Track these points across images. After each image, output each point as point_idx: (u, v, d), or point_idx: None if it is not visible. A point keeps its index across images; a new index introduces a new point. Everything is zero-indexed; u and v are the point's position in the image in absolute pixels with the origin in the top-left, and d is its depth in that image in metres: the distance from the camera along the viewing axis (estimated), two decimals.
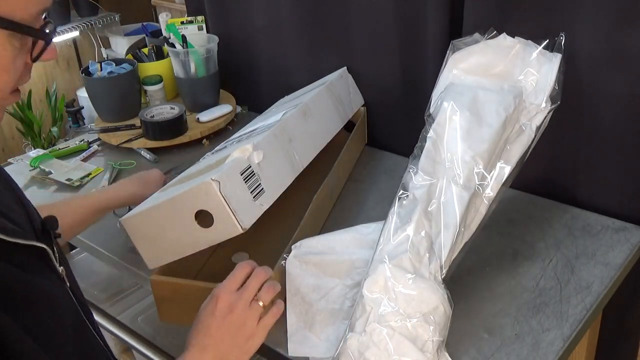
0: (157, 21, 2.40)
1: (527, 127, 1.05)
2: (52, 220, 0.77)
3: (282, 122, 1.19)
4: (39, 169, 1.52)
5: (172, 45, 1.70)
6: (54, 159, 1.57)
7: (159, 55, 1.78)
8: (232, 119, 1.69)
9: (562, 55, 1.06)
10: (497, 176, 1.01)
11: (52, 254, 0.72)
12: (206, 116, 1.64)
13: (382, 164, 1.47)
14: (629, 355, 1.33)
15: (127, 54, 1.87)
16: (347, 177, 1.41)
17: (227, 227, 0.95)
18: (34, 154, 1.59)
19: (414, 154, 1.03)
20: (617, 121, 1.15)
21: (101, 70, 1.68)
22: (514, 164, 1.02)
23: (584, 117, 1.18)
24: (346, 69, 1.50)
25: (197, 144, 1.60)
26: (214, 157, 1.15)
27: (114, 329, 1.30)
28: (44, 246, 0.70)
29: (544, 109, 1.05)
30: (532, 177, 1.24)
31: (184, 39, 1.68)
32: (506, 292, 1.04)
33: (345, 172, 1.41)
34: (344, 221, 1.24)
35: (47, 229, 0.75)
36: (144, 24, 2.53)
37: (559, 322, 0.98)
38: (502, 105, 1.03)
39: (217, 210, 0.94)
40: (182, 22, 1.73)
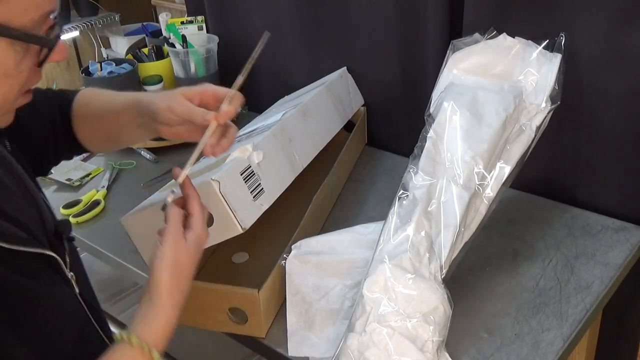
0: (157, 21, 2.40)
1: (527, 127, 1.05)
2: (65, 224, 0.75)
3: (282, 122, 1.19)
4: None
5: (172, 45, 1.70)
6: None
7: (159, 55, 1.78)
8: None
9: (562, 55, 1.06)
10: (497, 176, 1.01)
11: (61, 261, 0.71)
12: None
13: (382, 164, 1.47)
14: (629, 355, 1.33)
15: (127, 54, 1.86)
16: (347, 177, 1.41)
17: (227, 227, 0.95)
18: None
19: (414, 154, 1.03)
20: (617, 121, 1.15)
21: (101, 70, 1.68)
22: (514, 164, 1.02)
23: (584, 117, 1.18)
24: (346, 69, 1.50)
25: (197, 144, 1.59)
26: (214, 157, 1.14)
27: (114, 329, 1.29)
28: (52, 254, 0.69)
29: (544, 109, 1.05)
30: (532, 177, 1.24)
31: (184, 39, 1.68)
32: (506, 292, 1.04)
33: (345, 172, 1.40)
34: (344, 221, 1.24)
35: (59, 232, 0.74)
36: (144, 24, 2.53)
37: (558, 322, 0.98)
38: (502, 105, 1.03)
39: (217, 210, 0.94)
40: (182, 22, 1.72)
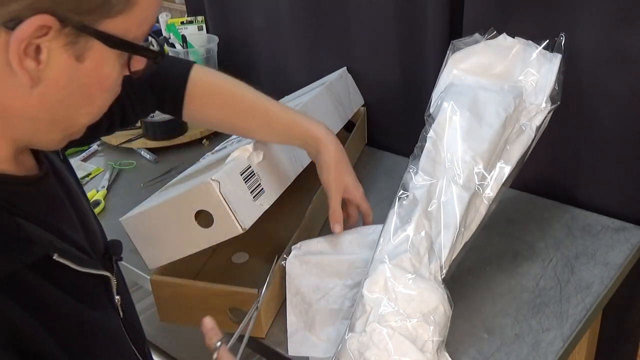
0: (157, 21, 2.40)
1: (527, 127, 1.04)
2: (117, 244, 0.74)
3: None
4: None
5: (172, 45, 1.70)
6: None
7: None
8: None
9: (562, 55, 1.06)
10: (497, 176, 1.01)
11: (114, 283, 0.69)
12: None
13: (382, 164, 1.47)
14: (629, 355, 1.33)
15: None
16: None
17: (227, 227, 0.95)
18: None
19: (414, 154, 1.03)
20: (617, 121, 1.15)
21: None
22: (514, 164, 1.02)
23: (584, 117, 1.18)
24: (346, 69, 1.49)
25: (197, 144, 1.60)
26: (214, 157, 1.15)
27: None
28: (107, 274, 0.67)
29: (544, 109, 1.05)
30: (532, 177, 1.24)
31: (184, 39, 1.68)
32: (506, 292, 1.04)
33: None
34: (344, 221, 1.24)
35: (109, 253, 0.72)
36: None
37: (558, 322, 0.98)
38: (502, 105, 1.03)
39: (217, 210, 0.94)
40: (182, 22, 1.73)
